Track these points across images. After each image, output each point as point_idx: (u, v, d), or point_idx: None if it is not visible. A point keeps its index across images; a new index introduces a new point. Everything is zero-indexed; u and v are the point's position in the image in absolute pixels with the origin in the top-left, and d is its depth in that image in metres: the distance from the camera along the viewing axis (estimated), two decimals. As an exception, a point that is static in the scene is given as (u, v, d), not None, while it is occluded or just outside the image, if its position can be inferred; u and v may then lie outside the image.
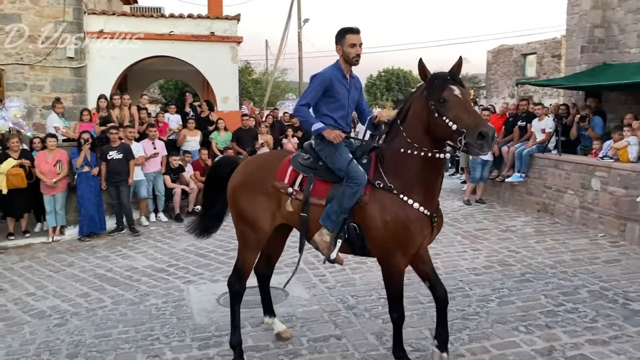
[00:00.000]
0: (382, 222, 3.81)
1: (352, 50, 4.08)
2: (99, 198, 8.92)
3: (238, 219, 4.43)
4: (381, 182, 3.86)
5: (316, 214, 4.05)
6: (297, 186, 4.14)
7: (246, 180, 4.38)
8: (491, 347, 4.57)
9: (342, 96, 4.18)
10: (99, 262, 7.44)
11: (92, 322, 5.34)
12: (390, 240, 3.80)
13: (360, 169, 3.89)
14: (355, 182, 3.83)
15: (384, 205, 3.82)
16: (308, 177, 4.13)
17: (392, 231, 3.78)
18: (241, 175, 4.44)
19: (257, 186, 4.30)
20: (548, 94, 25.17)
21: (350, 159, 3.93)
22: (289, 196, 4.15)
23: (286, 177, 4.20)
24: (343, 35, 4.10)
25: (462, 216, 9.82)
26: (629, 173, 8.07)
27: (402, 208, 3.78)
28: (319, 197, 4.06)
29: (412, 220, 3.78)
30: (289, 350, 4.55)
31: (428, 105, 3.61)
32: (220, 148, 11.29)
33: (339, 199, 3.87)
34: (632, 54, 10.64)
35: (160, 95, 29.12)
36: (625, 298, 5.68)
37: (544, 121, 10.34)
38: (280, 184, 4.21)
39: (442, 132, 3.58)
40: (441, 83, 3.58)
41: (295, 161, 4.26)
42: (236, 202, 4.40)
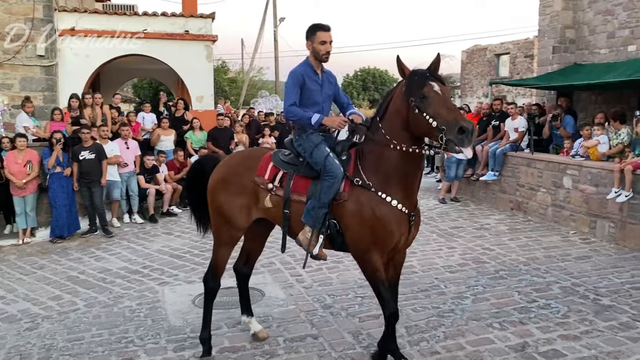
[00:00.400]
0: (359, 219, 3.81)
1: (322, 48, 4.09)
2: (71, 199, 8.76)
3: (214, 215, 4.44)
4: (360, 179, 3.86)
5: (297, 211, 4.05)
6: (277, 182, 4.14)
7: (226, 175, 4.38)
8: (466, 344, 4.61)
9: (315, 92, 4.17)
10: (71, 264, 7.30)
11: (64, 325, 5.23)
12: (366, 237, 3.81)
13: (336, 162, 3.90)
14: (331, 175, 3.84)
15: (362, 203, 3.82)
16: (288, 174, 4.12)
17: (369, 228, 3.78)
18: (222, 171, 4.44)
19: (237, 182, 4.31)
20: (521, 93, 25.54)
21: (328, 153, 3.94)
22: (269, 192, 4.15)
23: (266, 173, 4.21)
24: (314, 32, 4.10)
25: (437, 214, 9.91)
26: (599, 171, 8.24)
27: (379, 205, 3.78)
28: (299, 193, 4.06)
29: (389, 217, 3.78)
30: (266, 351, 4.53)
31: (408, 101, 3.59)
32: (196, 148, 11.20)
33: (317, 193, 3.88)
34: (601, 55, 10.87)
35: (134, 94, 28.73)
36: (596, 294, 5.79)
37: (517, 120, 10.50)
38: (260, 180, 4.21)
39: (422, 128, 3.57)
40: (421, 79, 3.57)
41: (276, 157, 4.26)
42: (214, 197, 4.39)
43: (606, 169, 8.10)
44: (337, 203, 3.88)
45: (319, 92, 4.20)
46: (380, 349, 4.13)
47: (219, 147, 11.24)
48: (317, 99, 4.20)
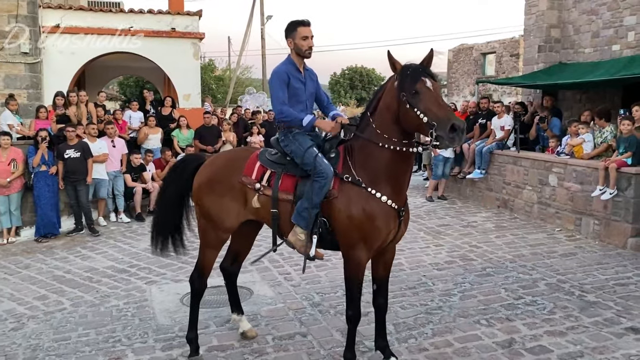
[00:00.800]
0: (348, 215, 3.79)
1: (305, 43, 4.05)
2: (56, 198, 8.66)
3: (201, 216, 4.38)
4: (349, 175, 3.84)
5: (286, 210, 4.03)
6: (265, 182, 4.09)
7: (212, 176, 4.31)
8: (454, 341, 4.65)
9: (299, 90, 4.15)
10: (57, 263, 7.22)
11: (50, 325, 5.18)
12: (354, 232, 3.79)
13: (325, 162, 3.86)
14: (322, 176, 3.81)
15: (351, 198, 3.81)
16: (276, 173, 4.09)
17: (358, 223, 3.77)
18: (208, 172, 4.38)
19: (223, 183, 4.24)
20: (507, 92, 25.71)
21: (316, 153, 3.89)
22: (257, 192, 4.11)
23: (253, 173, 4.16)
24: (294, 28, 4.06)
25: (424, 212, 9.97)
26: (584, 169, 8.33)
27: (368, 201, 3.78)
28: (287, 192, 4.03)
29: (379, 213, 3.77)
30: (254, 349, 4.53)
31: (399, 96, 3.57)
32: (182, 146, 11.13)
33: (308, 194, 3.84)
34: (586, 54, 10.99)
35: (120, 92, 28.49)
36: (581, 290, 5.87)
37: (503, 119, 10.59)
38: (248, 180, 4.16)
39: (413, 123, 3.56)
40: (414, 75, 3.53)
41: (263, 157, 4.22)
42: (201, 199, 4.34)
43: (591, 167, 8.19)
44: (326, 200, 3.86)
45: (302, 91, 4.17)
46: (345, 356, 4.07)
47: (206, 145, 11.20)
48: (301, 98, 4.17)
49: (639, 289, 5.91)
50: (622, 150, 7.76)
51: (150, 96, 12.44)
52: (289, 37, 4.11)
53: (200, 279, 4.47)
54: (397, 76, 3.64)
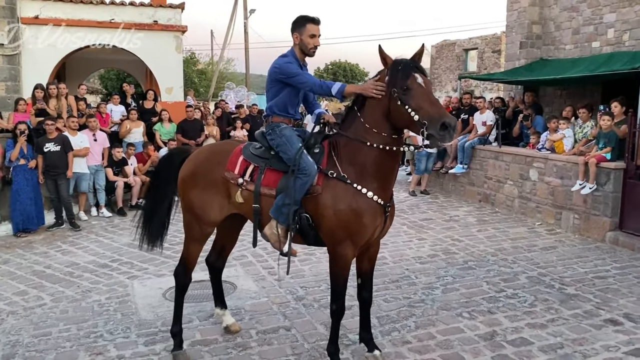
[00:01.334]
0: (334, 212, 3.74)
1: (312, 41, 3.97)
2: (36, 192, 8.52)
3: (186, 210, 4.36)
4: (334, 171, 3.79)
5: (268, 205, 3.98)
6: (248, 176, 4.04)
7: (196, 170, 4.27)
8: (436, 333, 4.69)
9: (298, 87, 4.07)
10: (37, 258, 7.12)
11: (30, 321, 5.10)
12: (341, 229, 3.75)
13: (309, 159, 3.81)
14: (305, 173, 3.76)
15: (337, 195, 3.76)
16: (259, 167, 4.04)
17: (344, 220, 3.73)
18: (191, 165, 4.33)
19: (207, 177, 4.20)
20: (489, 88, 25.95)
21: (301, 149, 3.83)
22: (239, 187, 4.06)
23: (236, 167, 4.10)
24: (303, 24, 3.98)
25: (407, 207, 10.02)
26: (564, 164, 8.45)
27: (354, 197, 3.73)
28: (270, 187, 3.98)
29: (365, 209, 3.74)
30: (238, 343, 4.52)
31: (390, 92, 3.52)
32: (165, 140, 11.04)
33: (289, 191, 3.78)
34: (567, 50, 11.11)
35: (101, 85, 28.12)
36: (561, 283, 5.96)
37: (485, 114, 10.68)
38: (230, 175, 4.11)
39: (403, 120, 3.53)
40: (405, 70, 3.48)
41: (247, 151, 4.16)
42: (185, 192, 4.31)
43: (571, 161, 8.31)
44: (309, 196, 3.81)
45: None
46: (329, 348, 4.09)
47: (188, 140, 11.12)
48: (298, 95, 4.13)
49: (617, 282, 6.03)
50: (602, 146, 7.88)
51: (130, 89, 12.29)
52: (295, 32, 4.01)
53: (184, 273, 4.43)
54: (388, 71, 3.58)
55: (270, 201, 3.97)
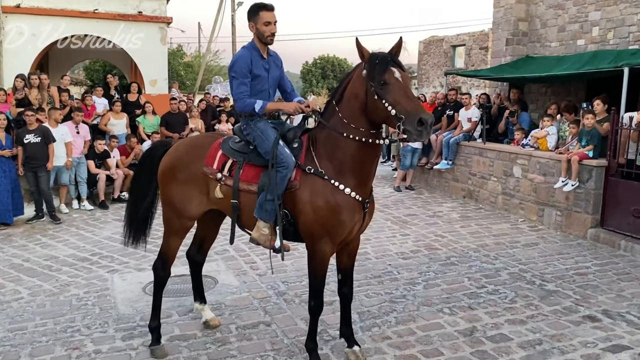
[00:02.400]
0: (312, 208, 3.70)
1: (267, 29, 3.92)
2: (14, 184, 8.37)
3: (165, 204, 4.31)
4: (312, 167, 3.74)
5: (247, 200, 3.91)
6: (227, 171, 3.98)
7: (175, 164, 4.20)
8: (417, 329, 4.69)
9: (262, 79, 4.03)
10: (15, 251, 7.00)
11: (7, 315, 5.02)
12: (318, 226, 3.71)
13: (286, 152, 3.76)
14: (283, 166, 3.70)
15: (314, 191, 3.71)
16: (238, 162, 3.97)
17: (322, 217, 3.68)
18: (170, 158, 4.27)
19: (185, 171, 4.14)
20: (475, 84, 26.02)
21: (278, 142, 3.78)
22: (218, 182, 4.00)
23: (215, 162, 4.04)
24: (256, 12, 3.92)
25: (392, 202, 10.02)
26: (548, 161, 8.49)
27: (332, 194, 3.68)
28: (249, 182, 3.91)
29: (343, 206, 3.69)
30: (217, 338, 4.48)
31: (367, 86, 3.46)
32: (148, 132, 10.92)
33: (269, 186, 3.73)
34: (552, 48, 11.16)
35: (86, 77, 27.76)
36: (542, 279, 5.99)
37: (471, 110, 10.70)
38: (209, 169, 4.04)
39: (380, 115, 3.47)
40: (382, 64, 3.42)
41: (226, 145, 4.09)
42: (164, 186, 4.26)
43: (554, 158, 8.35)
44: (288, 192, 3.76)
45: (265, 79, 4.05)
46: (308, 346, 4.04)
47: (172, 133, 11.01)
48: (263, 86, 4.05)
49: (597, 279, 6.07)
50: (584, 143, 7.92)
51: (114, 81, 12.12)
52: (251, 21, 3.97)
53: (163, 267, 4.39)
54: (365, 64, 3.53)
55: (248, 197, 3.90)
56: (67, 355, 4.23)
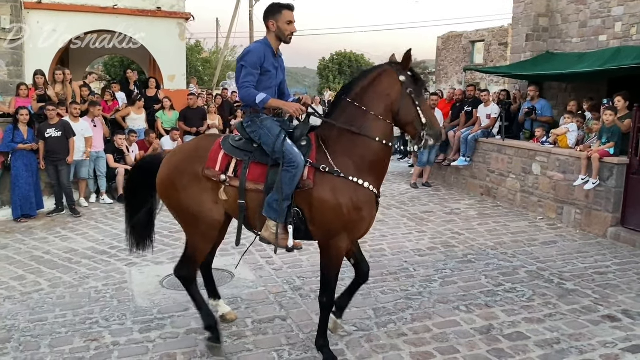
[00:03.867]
0: (333, 206, 3.70)
1: (289, 28, 3.95)
2: (35, 178, 8.51)
3: (180, 215, 4.13)
4: (326, 165, 3.72)
5: (254, 200, 3.86)
6: (232, 172, 3.88)
7: (175, 172, 4.03)
8: (433, 326, 4.67)
9: (272, 74, 4.01)
10: (35, 244, 7.12)
11: (27, 306, 5.11)
12: (339, 223, 3.71)
13: (295, 150, 3.72)
14: (292, 165, 3.66)
15: (335, 189, 3.70)
16: (243, 161, 3.89)
17: (344, 215, 3.70)
18: (168, 168, 4.09)
19: (189, 176, 3.97)
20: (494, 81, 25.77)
21: (284, 139, 3.74)
22: (222, 184, 3.89)
23: (217, 164, 3.91)
24: (279, 11, 3.94)
25: (408, 199, 9.98)
26: (567, 158, 8.38)
27: (355, 191, 3.72)
28: (256, 182, 3.85)
29: (365, 202, 3.75)
30: (233, 332, 4.51)
31: (404, 90, 3.78)
32: (167, 128, 11.00)
33: (279, 186, 3.68)
34: (573, 44, 10.99)
35: (105, 72, 28.07)
36: (561, 278, 5.92)
37: (490, 107, 10.59)
38: (211, 172, 3.91)
39: (407, 118, 3.82)
40: (423, 83, 3.99)
41: (227, 144, 3.97)
42: (170, 197, 4.08)
43: (574, 156, 8.24)
44: (300, 191, 3.73)
45: (274, 76, 4.04)
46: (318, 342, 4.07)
47: (190, 127, 11.09)
48: (271, 83, 4.03)
49: (617, 278, 5.98)
50: (605, 140, 7.80)
51: (134, 76, 12.24)
52: (271, 19, 3.96)
53: (190, 270, 4.21)
54: (404, 72, 3.80)
55: (256, 196, 3.86)
56: (85, 346, 4.29)
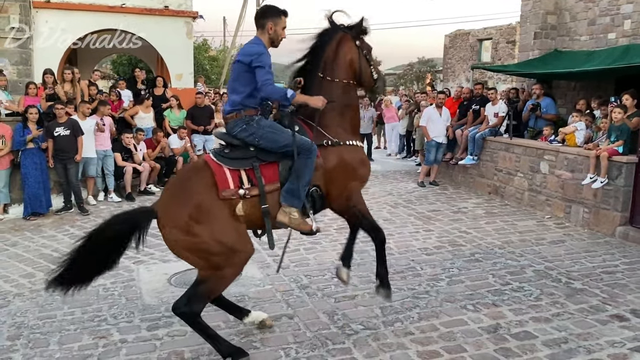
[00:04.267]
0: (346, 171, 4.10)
1: (283, 34, 4.09)
2: (44, 176, 8.57)
3: (209, 254, 3.75)
4: (327, 139, 4.07)
5: (274, 200, 3.91)
6: (248, 183, 3.84)
7: (192, 209, 3.72)
8: (440, 325, 4.66)
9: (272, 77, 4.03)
10: (44, 241, 7.18)
11: (36, 303, 5.16)
12: (353, 181, 4.17)
13: (304, 138, 3.93)
14: (310, 151, 3.88)
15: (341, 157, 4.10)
16: (253, 168, 3.87)
17: (358, 174, 4.21)
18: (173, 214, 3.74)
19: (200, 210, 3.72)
20: (502, 79, 25.67)
21: (292, 132, 3.89)
22: (242, 198, 3.80)
23: (230, 181, 3.79)
24: (279, 15, 4.00)
25: (415, 198, 9.96)
26: (575, 157, 8.34)
27: (354, 151, 4.21)
28: (272, 182, 3.90)
29: (363, 156, 4.38)
30: (240, 330, 4.52)
31: (360, 51, 4.24)
32: (174, 126, 11.05)
33: (298, 174, 3.81)
34: (582, 42, 10.92)
35: (113, 70, 28.18)
36: (568, 277, 5.89)
37: (497, 105, 10.55)
38: (229, 192, 3.77)
39: (366, 78, 4.33)
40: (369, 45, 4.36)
41: (224, 159, 3.85)
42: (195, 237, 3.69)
43: (582, 155, 8.19)
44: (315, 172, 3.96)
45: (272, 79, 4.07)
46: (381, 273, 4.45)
47: (197, 126, 11.13)
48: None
49: (625, 277, 5.95)
50: (614, 139, 7.75)
51: (142, 75, 12.29)
52: (270, 21, 3.97)
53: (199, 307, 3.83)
54: (358, 37, 4.27)
55: (275, 196, 3.91)
56: (94, 343, 4.32)
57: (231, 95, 4.06)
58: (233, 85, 4.05)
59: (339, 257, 4.66)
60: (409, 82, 34.79)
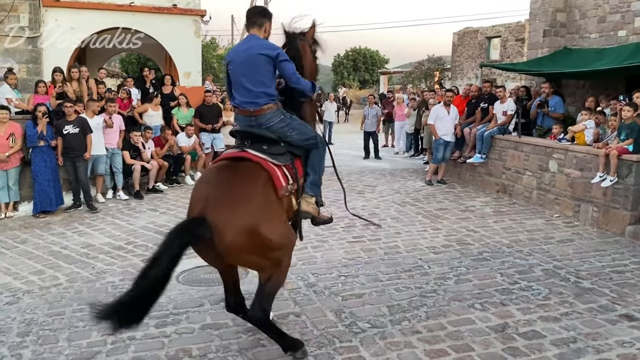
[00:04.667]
0: None
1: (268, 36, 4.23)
2: (54, 174, 8.63)
3: (277, 252, 3.74)
4: None
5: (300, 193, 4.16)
6: (291, 178, 3.96)
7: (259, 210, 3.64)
8: (447, 324, 4.65)
9: None
10: (54, 239, 7.23)
11: (46, 300, 5.20)
12: None
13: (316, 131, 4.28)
14: (324, 143, 4.19)
15: None
16: (290, 163, 4.00)
17: None
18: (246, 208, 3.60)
19: (269, 203, 3.74)
20: (511, 77, 25.52)
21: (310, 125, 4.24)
22: (292, 194, 4.00)
23: (281, 178, 3.83)
24: (271, 19, 4.18)
25: (423, 196, 9.94)
26: (585, 155, 8.28)
27: None
28: (301, 176, 4.18)
29: None
30: (248, 328, 4.52)
31: (312, 52, 4.43)
32: (182, 124, 11.08)
33: (316, 165, 4.13)
34: (591, 39, 10.85)
35: (121, 69, 28.33)
36: (577, 276, 5.86)
37: (506, 103, 10.50)
38: (284, 189, 3.85)
39: (315, 73, 4.48)
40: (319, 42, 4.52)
41: (269, 157, 3.87)
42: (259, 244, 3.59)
43: (591, 153, 8.13)
44: None
45: None
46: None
47: (205, 124, 11.16)
48: None
49: (635, 277, 5.91)
50: (623, 137, 7.69)
51: (151, 75, 12.32)
52: (269, 22, 4.12)
53: (270, 305, 3.94)
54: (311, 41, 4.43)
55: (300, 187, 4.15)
56: (102, 340, 4.35)
57: (258, 88, 3.88)
58: (259, 78, 3.87)
59: None
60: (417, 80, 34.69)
